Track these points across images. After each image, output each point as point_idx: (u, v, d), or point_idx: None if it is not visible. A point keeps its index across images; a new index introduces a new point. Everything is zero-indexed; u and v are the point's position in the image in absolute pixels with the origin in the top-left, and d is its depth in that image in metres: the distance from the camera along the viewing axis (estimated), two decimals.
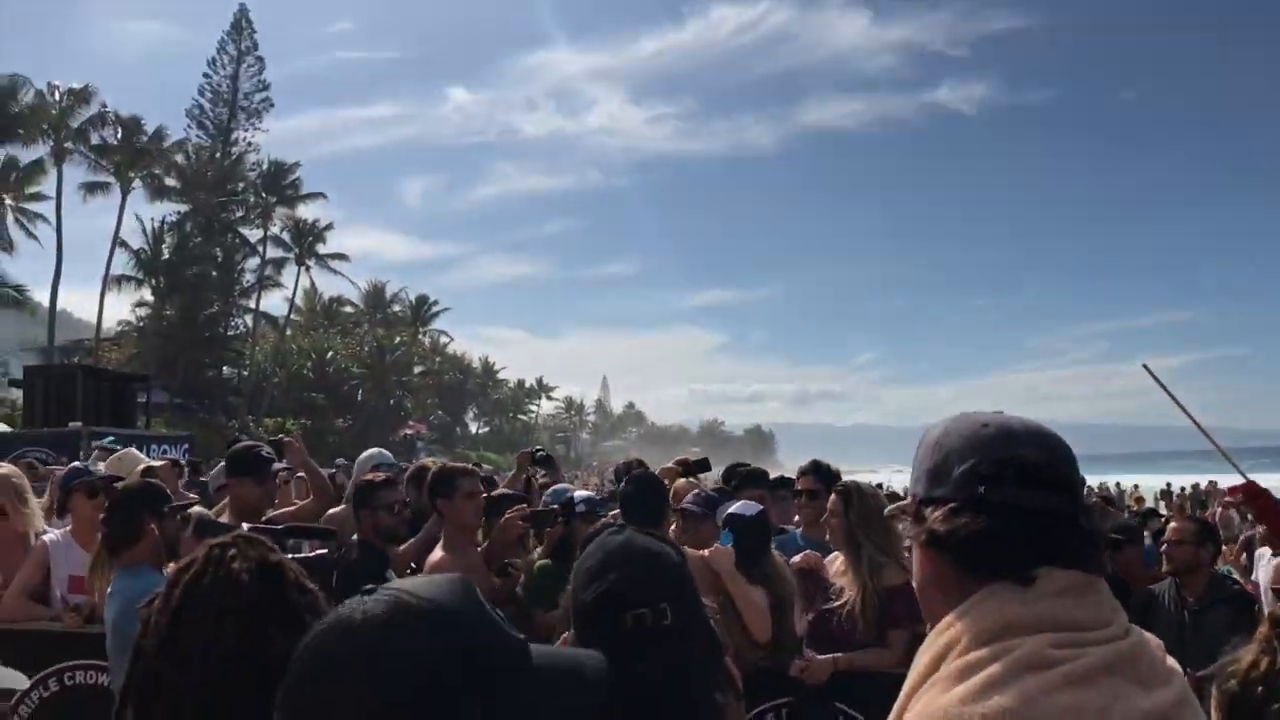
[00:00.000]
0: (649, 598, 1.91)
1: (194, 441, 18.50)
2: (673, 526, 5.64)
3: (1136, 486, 41.78)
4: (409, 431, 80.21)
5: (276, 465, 5.88)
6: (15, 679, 1.98)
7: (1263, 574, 6.96)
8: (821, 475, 6.34)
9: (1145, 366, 4.90)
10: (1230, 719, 1.84)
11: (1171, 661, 1.58)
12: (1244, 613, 5.41)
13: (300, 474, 7.01)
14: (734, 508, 5.46)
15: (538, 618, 5.55)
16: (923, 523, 1.63)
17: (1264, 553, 7.76)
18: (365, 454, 8.25)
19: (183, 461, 13.29)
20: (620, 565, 1.94)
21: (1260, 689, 1.81)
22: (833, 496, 5.39)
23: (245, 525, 4.87)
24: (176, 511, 4.38)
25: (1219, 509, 26.58)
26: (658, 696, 1.88)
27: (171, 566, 4.62)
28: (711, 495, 6.25)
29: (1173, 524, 6.05)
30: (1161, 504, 36.41)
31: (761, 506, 5.56)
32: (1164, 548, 5.75)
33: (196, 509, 6.13)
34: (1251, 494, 5.04)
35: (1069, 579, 1.54)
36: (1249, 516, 22.96)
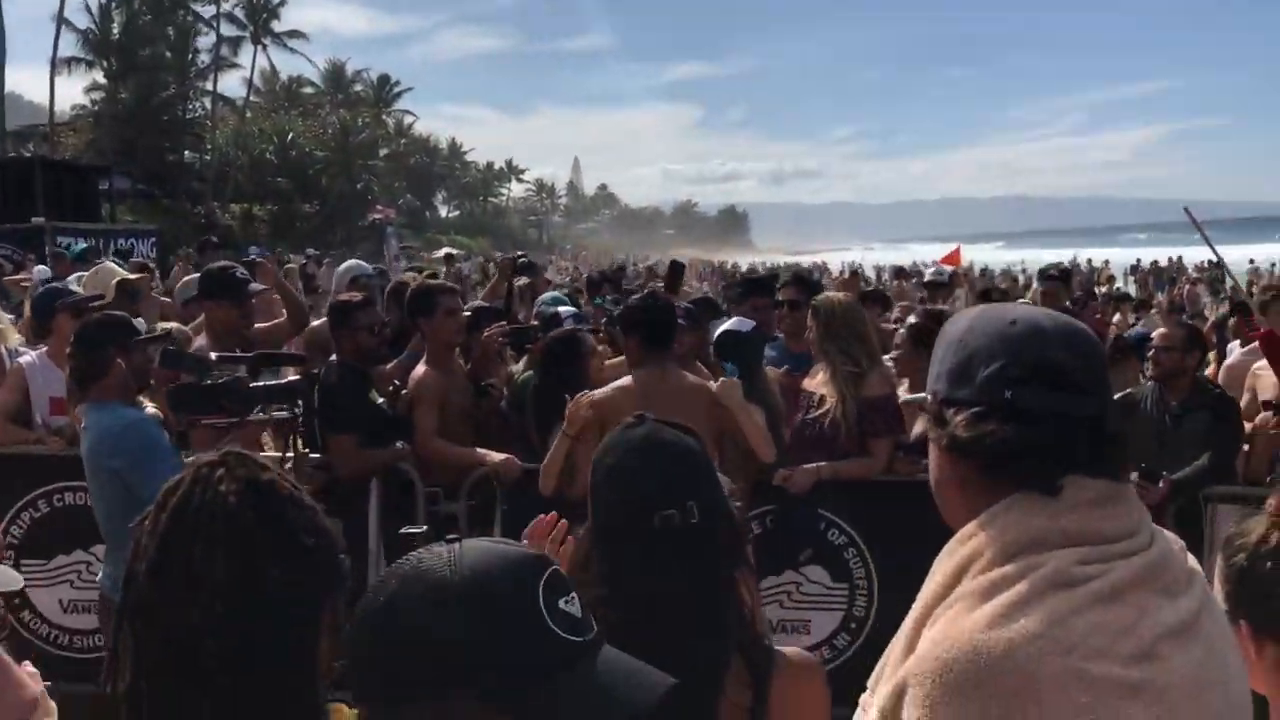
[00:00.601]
0: (677, 497, 1.86)
1: (162, 235, 18.08)
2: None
3: (1107, 263, 42.21)
4: (377, 216, 79.21)
5: (253, 286, 5.74)
6: (10, 579, 1.94)
7: (1228, 360, 7.04)
8: (803, 286, 6.29)
9: (1186, 210, 4.87)
10: (1237, 593, 1.84)
11: (1191, 562, 1.56)
12: (1224, 417, 5.49)
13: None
14: (729, 324, 5.42)
15: (526, 431, 5.60)
16: (944, 426, 1.55)
17: (1237, 344, 7.85)
18: (342, 267, 8.10)
19: (151, 264, 13.07)
20: (646, 464, 1.88)
21: (1269, 564, 1.80)
22: (810, 312, 5.37)
23: (214, 355, 4.81)
24: (146, 344, 4.27)
25: (1187, 286, 26.99)
26: (687, 598, 1.86)
27: (152, 408, 4.62)
28: (690, 308, 6.21)
29: (1161, 330, 6.06)
30: (1131, 280, 36.94)
31: (754, 322, 5.52)
32: (1151, 353, 5.77)
33: (173, 325, 6.04)
34: (1271, 342, 5.07)
35: (1096, 489, 1.48)
36: (1220, 294, 23.28)
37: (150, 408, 4.69)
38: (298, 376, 4.67)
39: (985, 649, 1.36)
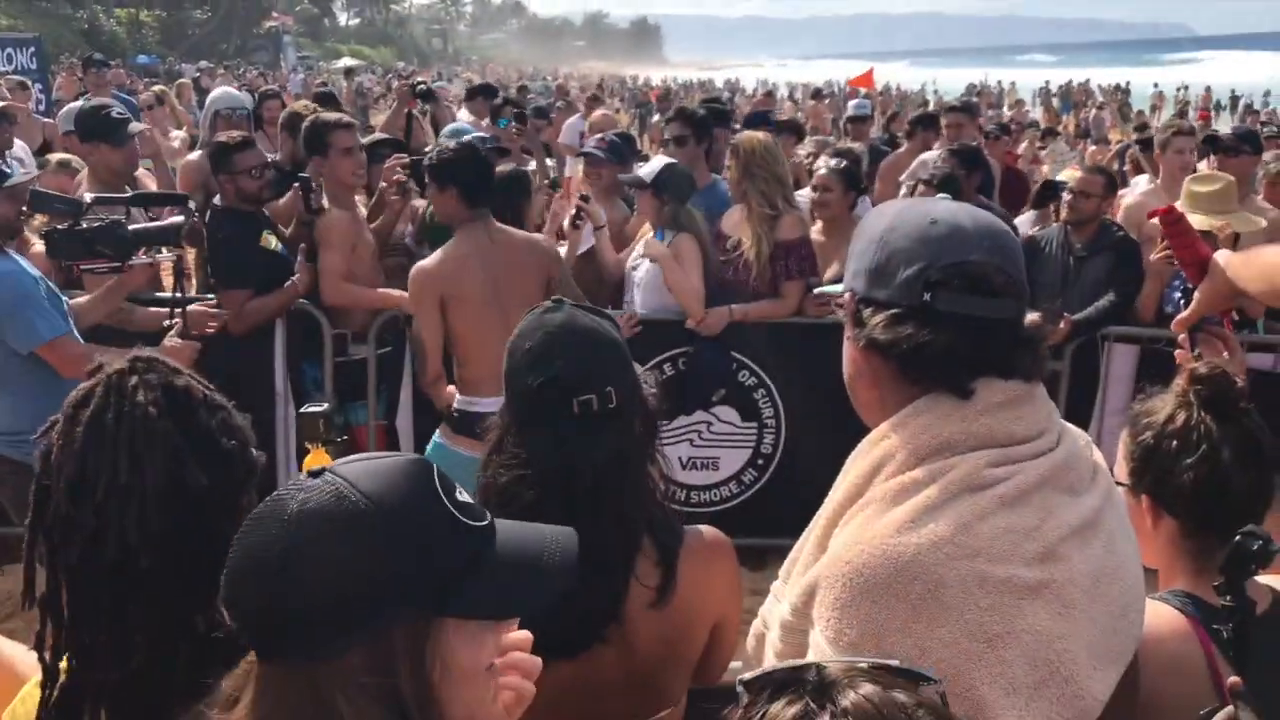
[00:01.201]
0: (596, 383, 1.86)
1: (41, 44, 16.92)
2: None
3: (1014, 84, 42.34)
4: (274, 24, 75.58)
5: (134, 126, 5.41)
6: None
7: (1128, 198, 7.14)
8: (690, 120, 6.10)
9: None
10: (1141, 469, 1.90)
11: (1097, 457, 1.59)
12: (1126, 259, 5.59)
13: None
14: (652, 166, 5.27)
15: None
16: (861, 326, 1.55)
17: (1140, 180, 7.96)
18: (212, 96, 7.58)
19: (29, 81, 12.31)
20: (565, 350, 1.87)
21: (1175, 443, 1.86)
22: (729, 151, 5.28)
23: (88, 196, 4.56)
24: (11, 190, 3.92)
25: (1094, 110, 27.26)
26: (602, 483, 1.86)
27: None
28: (617, 141, 6.08)
29: (1080, 175, 6.06)
30: (1037, 103, 37.18)
31: (673, 160, 5.40)
32: (1069, 198, 5.79)
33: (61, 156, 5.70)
34: (1171, 221, 5.08)
35: (1008, 391, 1.50)
36: (1128, 119, 23.56)
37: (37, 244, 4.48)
38: (180, 218, 4.45)
39: (894, 554, 1.39)
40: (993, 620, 1.37)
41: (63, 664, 1.50)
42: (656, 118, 10.74)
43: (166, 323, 4.33)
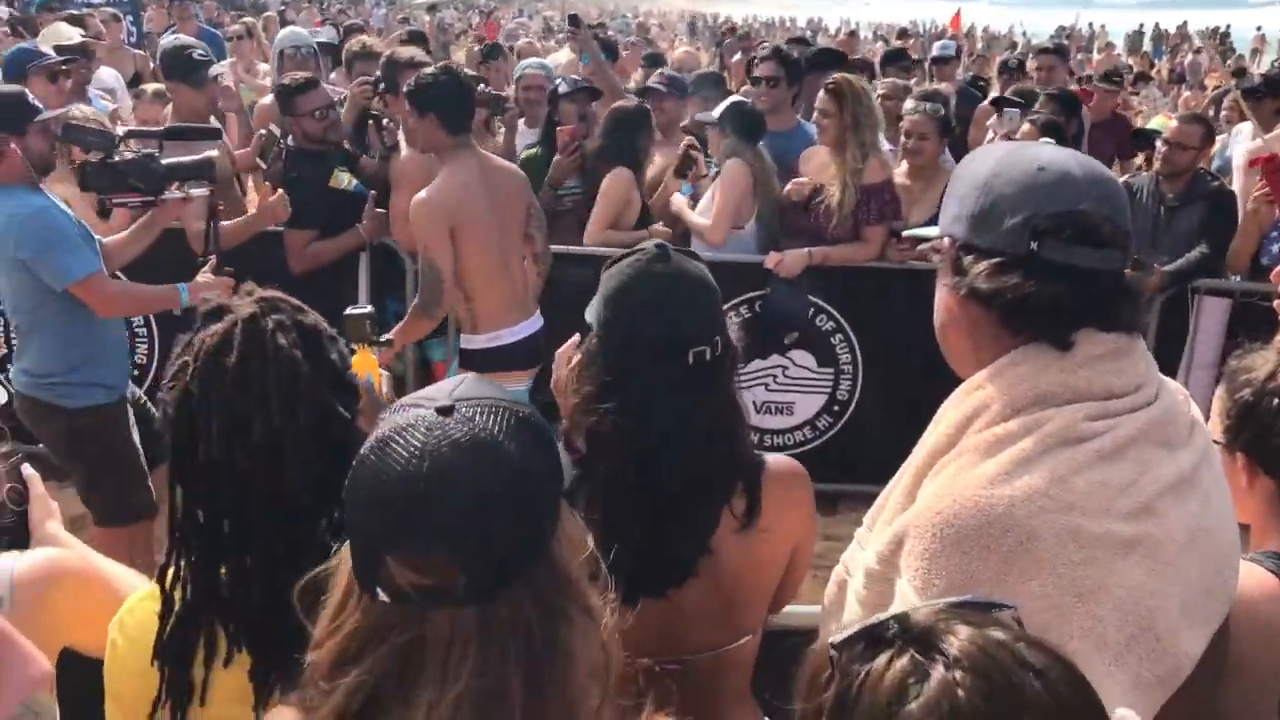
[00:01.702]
0: (708, 332, 1.86)
1: None
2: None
3: (1104, 27, 40.95)
4: None
5: (214, 69, 5.46)
6: None
7: (1237, 150, 6.90)
8: (784, 62, 6.00)
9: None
10: (1238, 427, 1.84)
11: (1194, 412, 1.56)
12: (1220, 210, 5.42)
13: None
14: (721, 105, 5.24)
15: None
16: (962, 274, 1.51)
17: (1244, 128, 7.68)
18: (278, 36, 7.58)
19: (122, 14, 12.46)
20: (681, 302, 1.86)
21: (1275, 401, 1.79)
22: (822, 94, 5.16)
23: (122, 129, 4.59)
24: (45, 125, 3.95)
25: (1190, 55, 26.29)
26: (716, 430, 1.88)
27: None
28: (678, 76, 6.02)
29: (1177, 125, 5.86)
30: (1129, 47, 35.93)
31: (741, 99, 5.34)
32: (1164, 149, 5.61)
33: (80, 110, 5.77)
34: (1273, 170, 4.92)
35: (1108, 343, 1.47)
36: (1221, 57, 22.63)
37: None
38: (214, 152, 4.47)
39: (987, 505, 1.37)
40: (1085, 575, 1.36)
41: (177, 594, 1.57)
42: (738, 56, 10.56)
43: (201, 258, 4.34)
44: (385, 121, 5.67)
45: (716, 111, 5.22)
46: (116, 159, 4.10)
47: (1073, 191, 1.47)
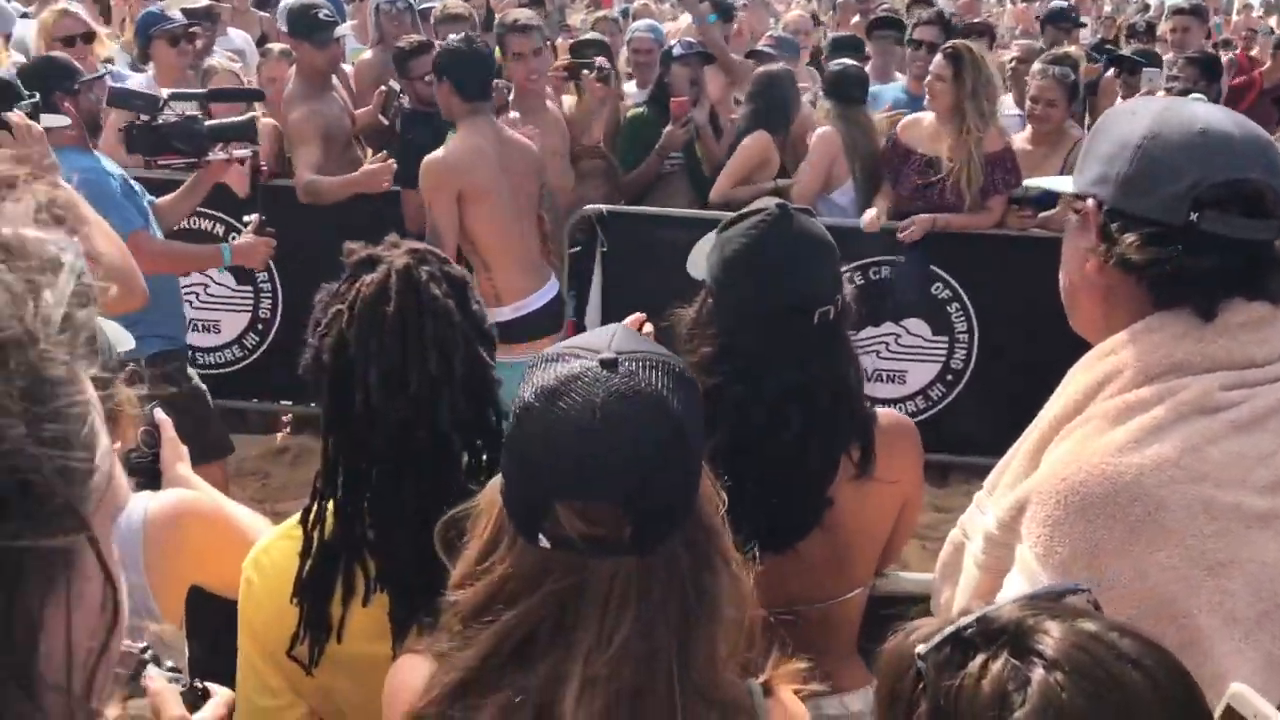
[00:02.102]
0: (832, 291, 1.87)
1: None
2: None
3: None
4: None
5: (339, 29, 5.54)
6: (124, 339, 2.00)
7: None
8: (946, 28, 5.88)
9: None
10: None
11: None
12: None
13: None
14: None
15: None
16: (1110, 240, 1.44)
17: None
18: None
19: None
20: (807, 263, 1.87)
21: None
22: (939, 58, 5.03)
23: (165, 92, 4.66)
24: (91, 85, 3.99)
25: None
26: (841, 390, 1.91)
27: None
28: (787, 38, 5.97)
29: None
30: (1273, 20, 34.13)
31: (846, 63, 5.32)
32: None
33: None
34: None
35: (1251, 312, 1.41)
36: None
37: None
38: (257, 113, 4.52)
39: (1115, 473, 1.34)
40: (1217, 547, 1.31)
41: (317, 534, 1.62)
42: (856, 19, 10.37)
43: (246, 218, 4.38)
44: (496, 81, 5.71)
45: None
46: (160, 122, 4.13)
47: (1238, 159, 1.40)
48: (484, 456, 1.61)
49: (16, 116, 3.00)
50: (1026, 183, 2.20)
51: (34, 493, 0.56)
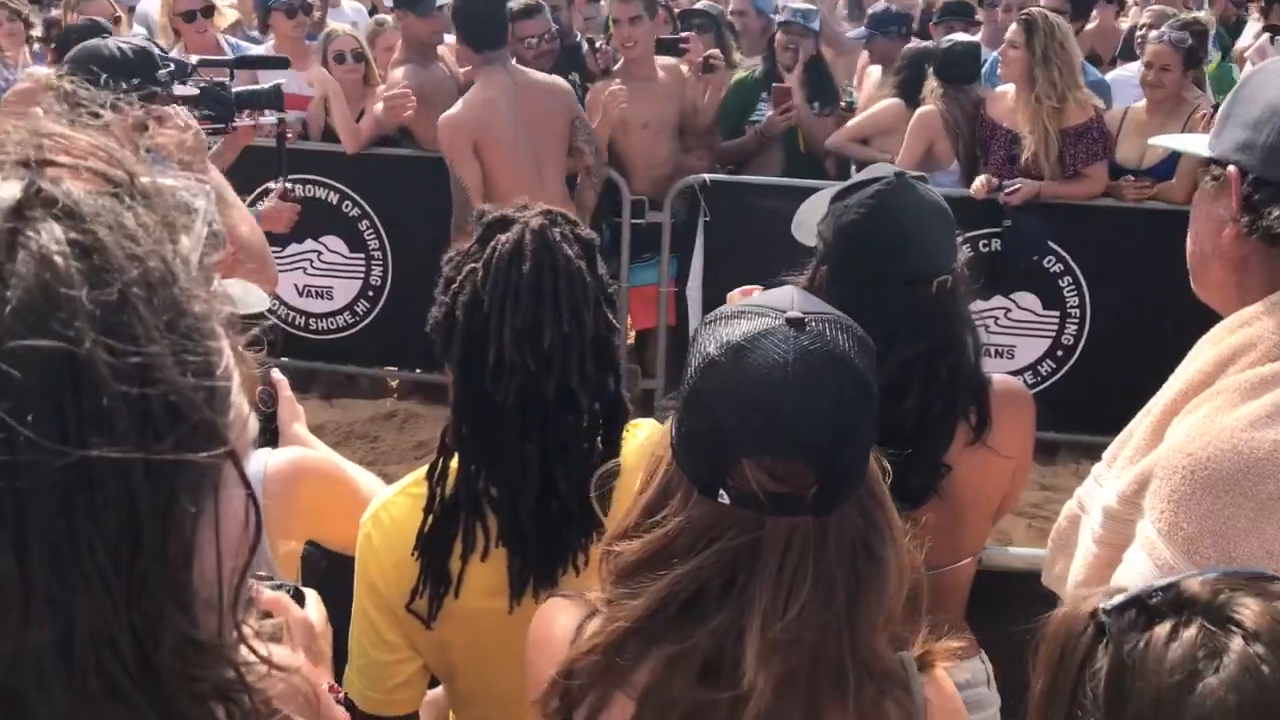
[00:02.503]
0: (949, 261, 1.87)
1: None
2: None
3: None
4: None
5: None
6: (259, 299, 2.06)
7: None
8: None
9: None
10: None
11: None
12: None
13: None
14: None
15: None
16: (1253, 211, 1.39)
17: None
18: None
19: None
20: (926, 235, 1.87)
21: None
22: (1013, 25, 4.90)
23: (194, 58, 4.72)
24: None
25: None
26: (960, 359, 1.91)
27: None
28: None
29: None
30: None
31: (956, 39, 5.28)
32: None
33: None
34: None
35: None
36: None
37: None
38: (284, 80, 4.57)
39: (1246, 449, 1.29)
40: None
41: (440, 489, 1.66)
42: None
43: (274, 184, 4.43)
44: (599, 44, 5.70)
45: None
46: (188, 88, 4.23)
47: None
48: (602, 421, 1.64)
49: (175, 111, 3.10)
50: (1152, 141, 2.11)
51: (183, 414, 0.58)
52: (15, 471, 0.52)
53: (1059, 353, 5.37)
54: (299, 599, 1.33)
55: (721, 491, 1.15)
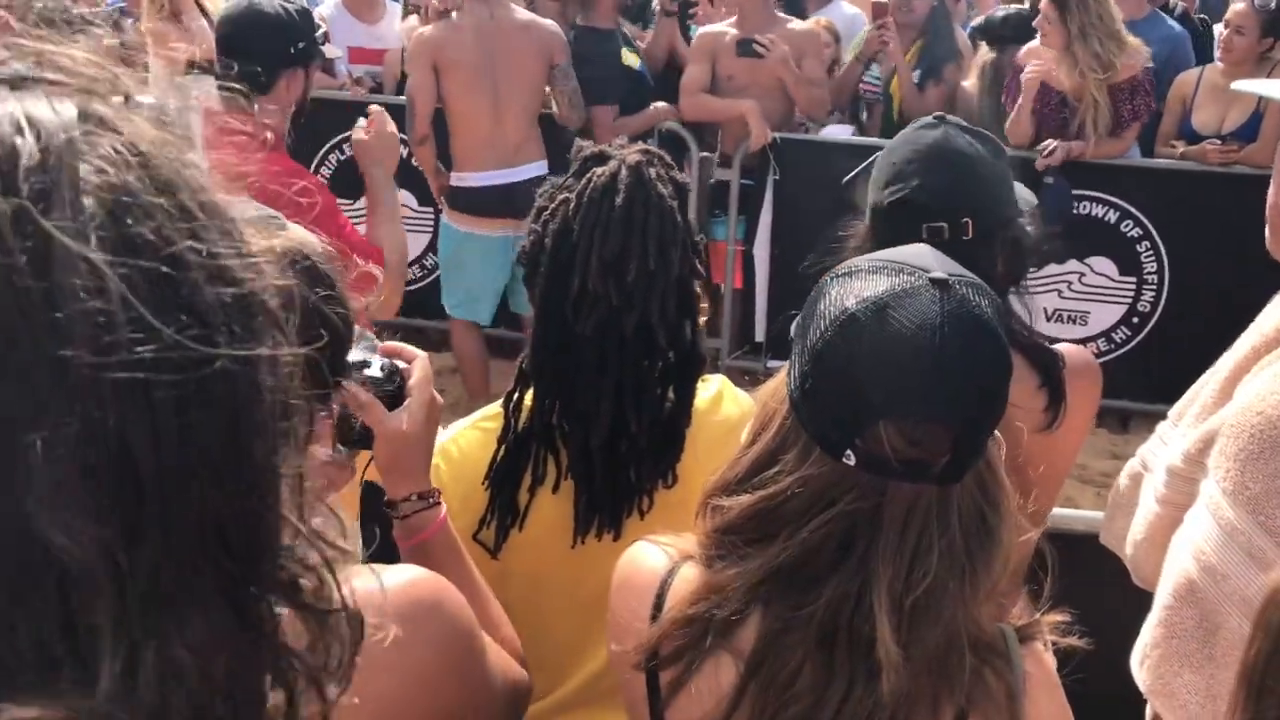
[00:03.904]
0: (951, 209, 1.76)
1: None
2: None
3: None
4: None
5: None
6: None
7: None
8: None
9: None
10: None
11: None
12: None
13: None
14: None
15: None
16: None
17: None
18: None
19: None
20: (925, 171, 1.78)
21: None
22: (1045, 1, 4.75)
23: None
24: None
25: None
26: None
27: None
28: None
29: None
30: None
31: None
32: None
33: None
34: None
35: None
36: None
37: None
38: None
39: None
40: None
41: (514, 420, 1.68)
42: None
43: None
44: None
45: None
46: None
47: None
48: (676, 368, 1.65)
49: (376, 110, 3.06)
50: (1234, 85, 2.02)
51: (271, 312, 0.59)
52: (157, 366, 0.51)
53: (1134, 320, 5.26)
54: (395, 373, 1.39)
55: (849, 452, 1.10)
